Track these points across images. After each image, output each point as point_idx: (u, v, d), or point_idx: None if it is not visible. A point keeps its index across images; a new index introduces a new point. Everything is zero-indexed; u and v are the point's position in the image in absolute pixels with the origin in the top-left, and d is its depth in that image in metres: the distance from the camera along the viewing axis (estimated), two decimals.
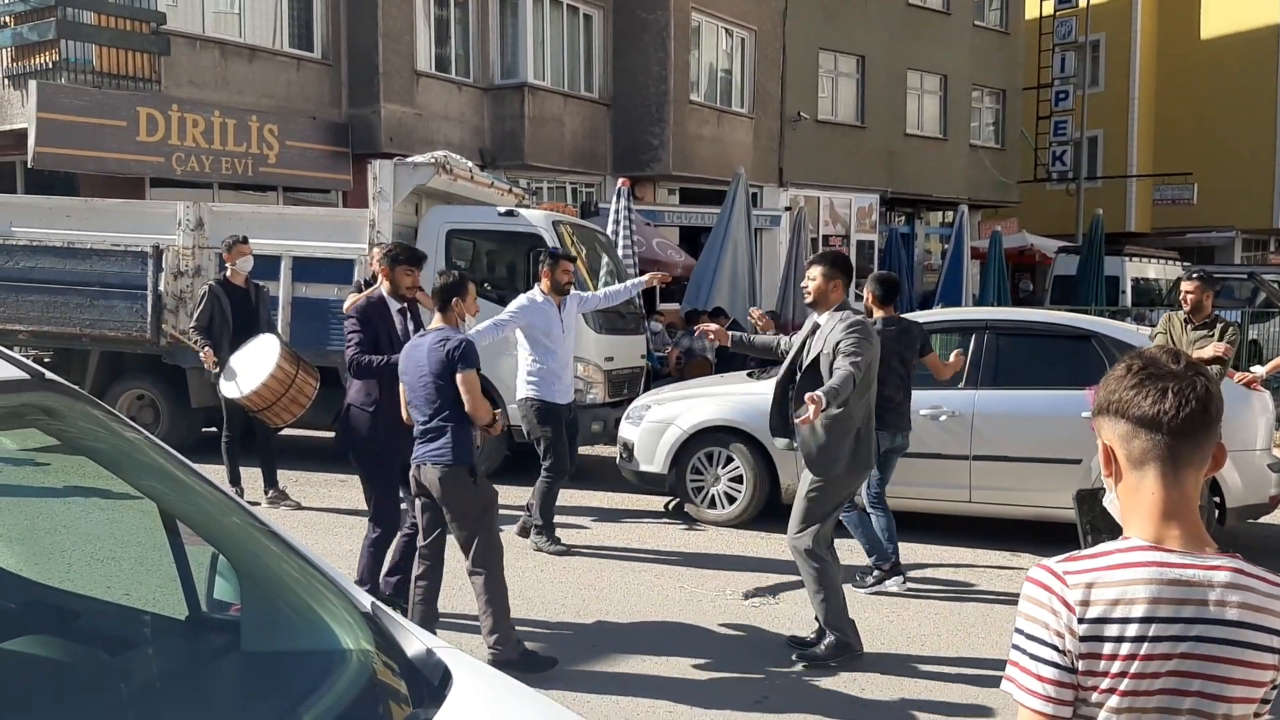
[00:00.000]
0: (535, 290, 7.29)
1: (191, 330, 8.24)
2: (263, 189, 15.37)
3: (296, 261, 9.48)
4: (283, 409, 7.21)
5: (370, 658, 2.18)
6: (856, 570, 6.44)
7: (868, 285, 6.66)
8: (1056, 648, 1.57)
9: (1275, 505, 7.27)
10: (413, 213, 9.88)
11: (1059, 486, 7.08)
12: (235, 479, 8.24)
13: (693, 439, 8.02)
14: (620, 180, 13.74)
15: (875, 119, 23.66)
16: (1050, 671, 1.58)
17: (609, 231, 12.57)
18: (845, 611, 5.19)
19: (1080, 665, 1.57)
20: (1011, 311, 9.66)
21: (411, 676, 2.16)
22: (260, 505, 7.95)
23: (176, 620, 2.33)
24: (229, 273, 8.24)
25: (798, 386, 5.21)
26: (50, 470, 2.76)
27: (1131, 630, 1.55)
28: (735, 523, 7.92)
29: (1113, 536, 1.67)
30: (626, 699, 4.73)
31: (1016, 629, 1.63)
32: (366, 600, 2.34)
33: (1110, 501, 1.71)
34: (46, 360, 9.78)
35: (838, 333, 5.03)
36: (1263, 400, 7.21)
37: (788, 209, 20.23)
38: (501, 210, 9.74)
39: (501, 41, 17.70)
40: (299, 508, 8.15)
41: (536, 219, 9.66)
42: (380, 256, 6.28)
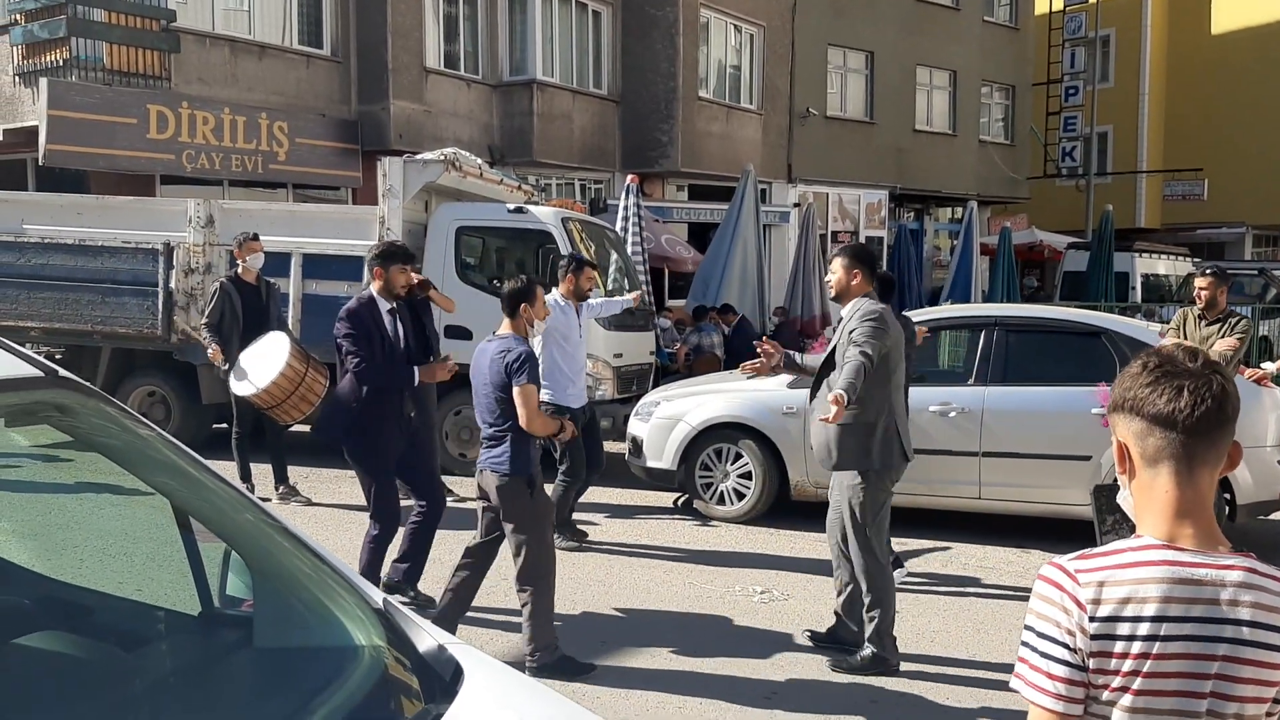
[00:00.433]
0: (555, 293, 7.25)
1: (202, 327, 8.26)
2: (273, 186, 15.41)
3: (307, 258, 9.53)
4: (292, 406, 7.24)
5: (382, 653, 2.18)
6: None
7: None
8: (1068, 646, 1.57)
9: None
10: (422, 210, 9.90)
11: (1069, 483, 7.09)
12: (246, 475, 8.27)
13: (702, 435, 8.02)
14: (629, 177, 13.72)
15: (884, 115, 23.61)
16: (1061, 670, 1.57)
17: (618, 228, 12.56)
18: (891, 627, 5.12)
19: (1091, 664, 1.57)
20: (1021, 308, 9.62)
21: (423, 672, 2.16)
22: (271, 501, 7.98)
23: (189, 616, 2.33)
24: (240, 270, 8.27)
25: (814, 380, 5.20)
26: (63, 466, 2.77)
27: (1143, 629, 1.54)
28: (744, 519, 7.92)
29: (1132, 531, 1.66)
30: (636, 693, 4.74)
31: (1027, 626, 1.63)
32: (378, 596, 2.35)
33: (1124, 499, 1.70)
34: (58, 357, 9.82)
35: (853, 322, 5.01)
36: (1273, 396, 7.18)
37: (796, 205, 20.22)
38: (511, 207, 9.75)
39: (510, 38, 17.70)
40: (309, 503, 8.20)
41: (546, 216, 9.67)
42: (372, 255, 6.07)
